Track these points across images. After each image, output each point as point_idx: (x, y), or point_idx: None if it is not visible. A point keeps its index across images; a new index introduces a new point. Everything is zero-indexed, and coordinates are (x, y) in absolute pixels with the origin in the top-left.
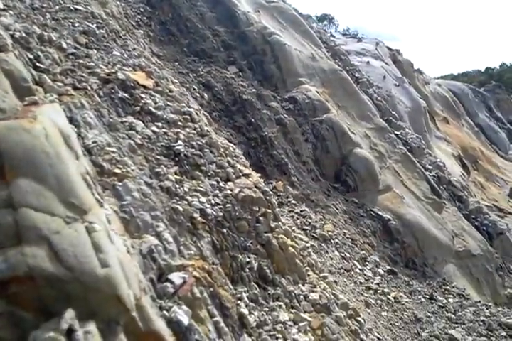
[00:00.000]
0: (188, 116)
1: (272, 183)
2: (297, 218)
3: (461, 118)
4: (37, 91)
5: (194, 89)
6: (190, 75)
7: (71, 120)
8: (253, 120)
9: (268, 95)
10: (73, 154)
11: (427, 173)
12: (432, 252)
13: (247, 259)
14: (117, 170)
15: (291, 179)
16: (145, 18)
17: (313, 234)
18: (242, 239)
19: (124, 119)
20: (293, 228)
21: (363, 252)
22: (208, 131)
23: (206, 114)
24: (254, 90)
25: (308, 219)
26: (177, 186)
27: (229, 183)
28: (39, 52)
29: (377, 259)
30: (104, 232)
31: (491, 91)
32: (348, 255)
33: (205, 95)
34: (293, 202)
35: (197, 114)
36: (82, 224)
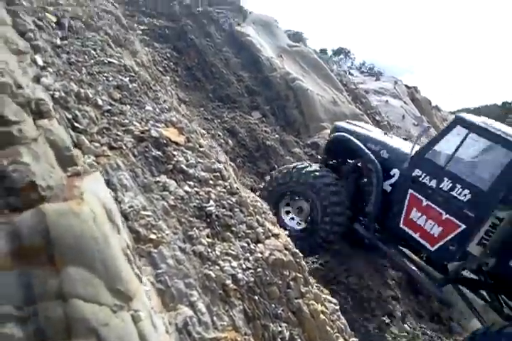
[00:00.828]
0: (218, 174)
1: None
2: (322, 270)
3: None
4: (77, 158)
5: (219, 135)
6: (215, 121)
7: (108, 183)
8: (276, 166)
9: (291, 141)
10: (115, 229)
11: None
12: (458, 306)
13: (279, 329)
14: (153, 236)
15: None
16: (172, 63)
17: (339, 291)
18: (273, 305)
19: (157, 179)
20: (321, 288)
21: (389, 306)
22: (237, 188)
23: (233, 164)
24: (277, 136)
25: (333, 272)
26: (209, 250)
27: (259, 245)
28: (77, 112)
29: (403, 313)
30: (148, 320)
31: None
32: (375, 311)
33: (230, 141)
34: (316, 251)
35: (225, 168)
36: (128, 313)
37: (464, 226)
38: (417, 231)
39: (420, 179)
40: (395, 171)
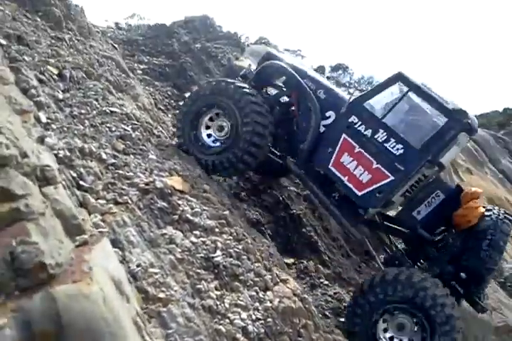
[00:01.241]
0: (223, 221)
1: (302, 263)
2: (331, 302)
3: (484, 166)
4: (84, 223)
5: None
6: None
7: (114, 242)
8: (281, 198)
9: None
10: (124, 299)
11: None
12: (471, 330)
13: None
14: (161, 295)
15: (322, 257)
16: (173, 101)
17: None
18: None
19: (163, 231)
20: (332, 329)
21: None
22: (243, 234)
23: (242, 208)
24: None
25: (344, 303)
26: (218, 303)
27: (268, 293)
28: (81, 169)
29: None
30: None
31: (511, 134)
32: None
33: (233, 176)
34: (325, 282)
35: (230, 211)
36: None
37: (392, 178)
38: (345, 175)
39: (356, 126)
40: (331, 113)
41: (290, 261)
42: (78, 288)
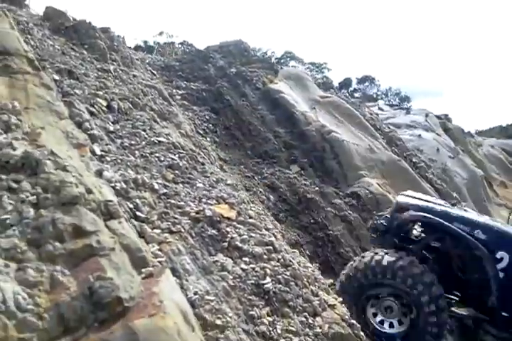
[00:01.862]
0: (270, 247)
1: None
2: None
3: None
4: (147, 254)
5: (260, 192)
6: (256, 178)
7: (173, 270)
8: (318, 219)
9: (331, 192)
10: (191, 328)
11: None
12: None
13: None
14: (218, 322)
15: None
16: (211, 125)
17: None
18: None
19: (215, 258)
20: None
21: None
22: (290, 260)
23: (279, 227)
24: (316, 188)
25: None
26: (271, 329)
27: (317, 319)
28: (137, 200)
29: None
30: None
31: None
32: None
33: (271, 197)
34: None
35: (275, 236)
36: None
37: None
38: None
39: None
40: (502, 254)
41: (329, 281)
42: (155, 322)
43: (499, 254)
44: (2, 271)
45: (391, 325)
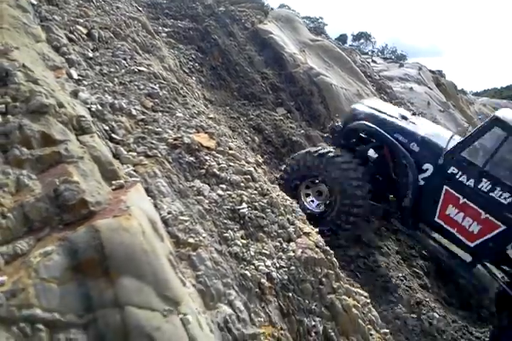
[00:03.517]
0: (249, 176)
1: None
2: (351, 262)
3: None
4: (119, 170)
5: (246, 133)
6: (241, 119)
7: (147, 190)
8: None
9: (317, 136)
10: (159, 238)
11: None
12: (488, 294)
13: (313, 323)
14: (191, 240)
15: None
16: (197, 64)
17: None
18: (306, 301)
19: (192, 184)
20: (352, 282)
21: (418, 296)
22: (267, 189)
23: (264, 167)
24: (302, 131)
25: (363, 263)
26: (244, 250)
27: (291, 244)
28: (113, 123)
29: (432, 303)
30: (195, 322)
31: None
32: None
33: (256, 138)
34: (345, 244)
35: (255, 169)
36: (177, 317)
37: (504, 227)
38: (454, 227)
39: (456, 177)
40: (428, 166)
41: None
42: (118, 222)
43: (425, 166)
44: None
45: (318, 206)
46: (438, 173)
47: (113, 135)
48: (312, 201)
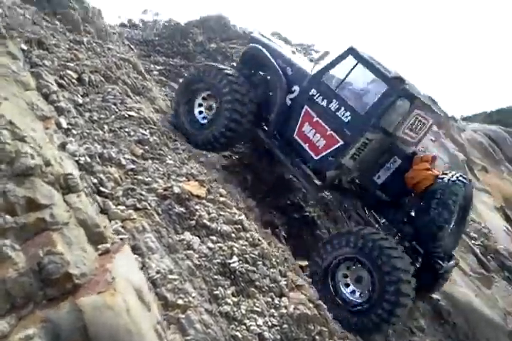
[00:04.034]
0: (239, 226)
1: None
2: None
3: (501, 164)
4: (106, 230)
5: (237, 171)
6: (234, 157)
7: (134, 248)
8: (295, 200)
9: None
10: (146, 308)
11: (472, 242)
12: (484, 333)
13: None
14: (180, 301)
15: None
16: None
17: None
18: None
19: (181, 237)
20: (345, 334)
21: (416, 339)
22: (259, 239)
23: (257, 210)
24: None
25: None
26: (235, 309)
27: (283, 299)
28: (102, 175)
29: None
30: None
31: None
32: None
33: (248, 177)
34: None
35: (247, 216)
36: None
37: (342, 142)
38: (306, 142)
39: (315, 98)
40: (296, 88)
41: (304, 263)
42: (103, 300)
43: (294, 88)
44: None
45: (204, 118)
46: (302, 94)
47: (101, 188)
48: (201, 112)
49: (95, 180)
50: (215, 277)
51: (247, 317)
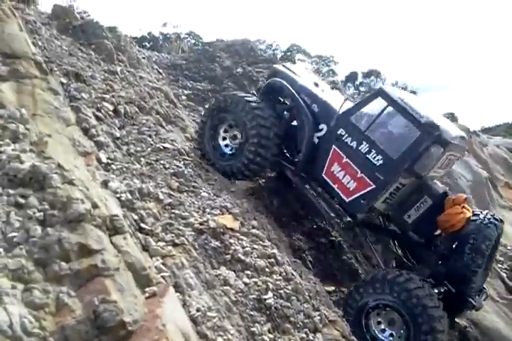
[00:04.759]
0: (273, 260)
1: (343, 291)
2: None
3: None
4: (151, 271)
5: (264, 196)
6: (260, 182)
7: (176, 286)
8: (321, 224)
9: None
10: None
11: (499, 266)
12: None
13: None
14: (220, 339)
15: None
16: None
17: None
18: None
19: (218, 272)
20: None
21: None
22: (292, 274)
23: (285, 238)
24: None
25: None
26: None
27: (317, 335)
28: (142, 211)
29: None
30: None
31: None
32: None
33: (275, 201)
34: None
35: (278, 249)
36: None
37: (373, 186)
38: (335, 183)
39: (343, 138)
40: (323, 126)
41: (331, 288)
42: None
43: (321, 126)
44: (9, 293)
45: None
46: (330, 133)
47: (142, 225)
48: (227, 145)
49: (136, 217)
50: (252, 313)
51: None
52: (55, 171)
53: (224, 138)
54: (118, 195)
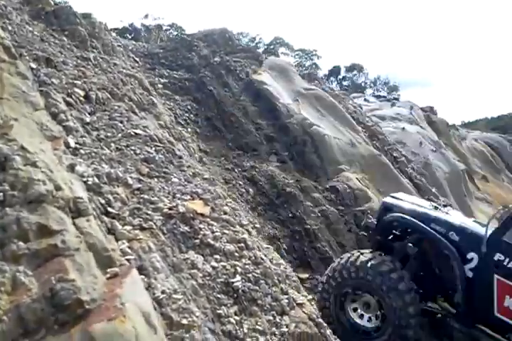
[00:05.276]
0: (243, 244)
1: (317, 279)
2: None
3: (501, 173)
4: (114, 253)
5: (240, 184)
6: (236, 170)
7: (140, 268)
8: (297, 213)
9: (310, 186)
10: (153, 331)
11: None
12: None
13: None
14: (184, 321)
15: None
16: (192, 115)
17: None
18: None
19: (186, 256)
20: None
21: None
22: (261, 258)
23: (258, 225)
24: (296, 182)
25: None
26: (237, 328)
27: (284, 318)
28: (109, 196)
29: None
30: None
31: None
32: None
33: (251, 190)
34: None
35: (249, 234)
36: None
37: None
38: None
39: (504, 263)
40: (473, 255)
41: (305, 275)
42: (113, 327)
43: (470, 255)
44: None
45: (369, 320)
46: (484, 262)
47: (109, 209)
48: (362, 316)
49: (103, 201)
50: (218, 296)
51: (249, 335)
52: (17, 153)
53: (355, 309)
54: (85, 179)
